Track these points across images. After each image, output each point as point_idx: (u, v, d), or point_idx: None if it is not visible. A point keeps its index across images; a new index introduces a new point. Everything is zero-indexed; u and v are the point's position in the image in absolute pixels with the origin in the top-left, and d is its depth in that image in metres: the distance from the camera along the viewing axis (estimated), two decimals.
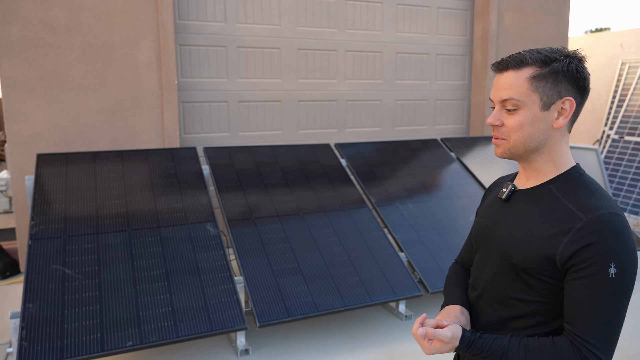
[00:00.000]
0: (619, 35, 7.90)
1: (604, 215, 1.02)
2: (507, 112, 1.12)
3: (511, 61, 1.11)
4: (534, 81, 1.09)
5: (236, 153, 3.85)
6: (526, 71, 1.10)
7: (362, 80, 5.15)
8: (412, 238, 3.52)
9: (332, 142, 5.12)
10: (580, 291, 1.02)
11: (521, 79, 1.10)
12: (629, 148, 6.39)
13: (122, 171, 3.43)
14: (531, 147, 1.13)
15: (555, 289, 1.09)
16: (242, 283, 2.91)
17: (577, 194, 1.09)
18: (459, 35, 5.59)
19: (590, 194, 1.08)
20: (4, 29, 3.75)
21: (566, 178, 1.13)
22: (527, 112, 1.10)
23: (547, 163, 1.15)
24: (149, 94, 4.20)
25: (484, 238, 1.25)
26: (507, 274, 1.15)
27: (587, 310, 1.02)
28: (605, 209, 1.04)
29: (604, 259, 1.00)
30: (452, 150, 4.57)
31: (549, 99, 1.10)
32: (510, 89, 1.10)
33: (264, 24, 4.66)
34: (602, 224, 1.02)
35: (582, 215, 1.04)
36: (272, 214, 3.41)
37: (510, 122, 1.12)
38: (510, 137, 1.13)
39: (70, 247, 2.86)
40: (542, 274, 1.09)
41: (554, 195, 1.12)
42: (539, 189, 1.15)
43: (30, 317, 2.49)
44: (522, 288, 1.13)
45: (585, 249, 1.02)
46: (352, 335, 3.07)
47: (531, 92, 1.09)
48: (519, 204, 1.18)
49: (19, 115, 3.85)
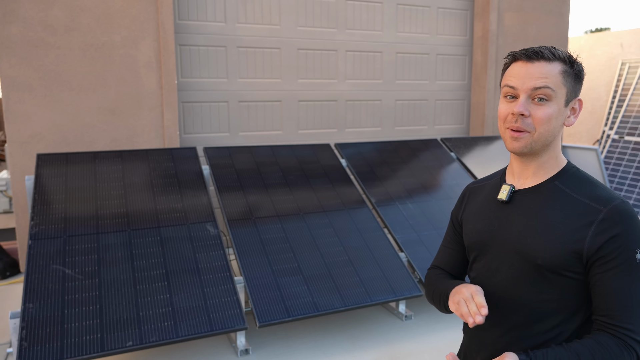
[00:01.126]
0: (619, 35, 7.90)
1: (620, 205, 1.06)
2: (536, 103, 1.10)
3: (545, 52, 1.10)
4: (564, 76, 1.10)
5: (236, 153, 3.85)
6: (557, 65, 1.10)
7: (362, 80, 5.15)
8: (412, 238, 3.52)
9: (332, 142, 5.12)
10: (613, 282, 1.04)
11: (554, 70, 1.09)
12: (629, 148, 6.39)
13: (122, 171, 3.43)
14: (548, 142, 1.13)
15: (577, 284, 1.09)
16: (242, 283, 2.91)
17: (584, 187, 1.12)
18: (459, 35, 5.59)
19: (595, 186, 1.11)
20: (4, 29, 3.75)
21: (567, 173, 1.15)
22: (555, 105, 1.10)
23: (551, 159, 1.15)
24: (149, 94, 4.20)
25: (488, 243, 1.20)
26: (529, 276, 1.12)
27: (622, 300, 1.03)
28: (617, 198, 1.08)
29: (630, 246, 1.04)
30: (452, 150, 4.57)
31: (570, 96, 1.12)
32: (546, 78, 1.09)
33: (264, 24, 4.66)
34: (621, 212, 1.05)
35: (599, 207, 1.07)
36: (272, 214, 3.41)
37: (540, 114, 1.09)
38: (536, 130, 1.10)
39: (70, 247, 2.86)
40: (568, 271, 1.08)
41: (562, 191, 1.13)
42: (544, 186, 1.15)
43: (30, 317, 2.49)
44: (545, 288, 1.11)
45: (612, 240, 1.04)
46: (352, 335, 3.07)
47: (562, 85, 1.10)
48: (524, 203, 1.16)
49: (19, 115, 3.85)
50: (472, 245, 1.25)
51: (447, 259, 1.37)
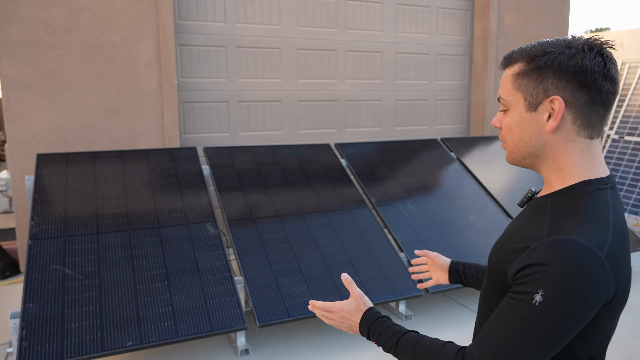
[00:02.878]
0: (619, 35, 7.90)
1: (561, 240, 0.87)
2: (503, 113, 1.05)
3: (505, 58, 1.03)
4: (517, 79, 0.99)
5: (236, 153, 3.85)
6: (513, 68, 1.01)
7: (362, 80, 5.15)
8: (412, 238, 3.52)
9: (332, 142, 5.12)
10: (506, 306, 0.91)
11: (507, 76, 1.01)
12: (629, 148, 6.39)
13: (122, 171, 3.43)
14: (527, 153, 1.01)
15: None
16: (242, 283, 2.91)
17: (564, 213, 0.94)
18: (459, 35, 5.59)
19: (576, 216, 0.92)
20: (4, 29, 3.75)
21: (569, 193, 0.97)
22: (513, 113, 1.01)
23: (554, 173, 1.00)
24: (149, 94, 4.20)
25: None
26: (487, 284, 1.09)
27: (492, 325, 0.91)
28: (570, 234, 0.88)
29: (536, 282, 0.86)
30: (452, 150, 4.57)
31: (533, 99, 0.97)
32: (501, 87, 1.03)
33: (264, 24, 4.66)
34: (555, 248, 0.86)
35: (544, 236, 0.91)
36: (272, 214, 3.41)
37: (504, 124, 1.04)
38: (506, 141, 1.05)
39: (70, 247, 2.86)
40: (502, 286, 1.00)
41: (544, 210, 0.98)
42: (540, 200, 1.03)
43: (30, 317, 2.49)
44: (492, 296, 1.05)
45: (525, 268, 0.89)
46: (352, 335, 3.07)
47: (515, 91, 1.00)
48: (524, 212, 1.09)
49: (19, 115, 3.85)
50: None
51: None
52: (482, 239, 3.67)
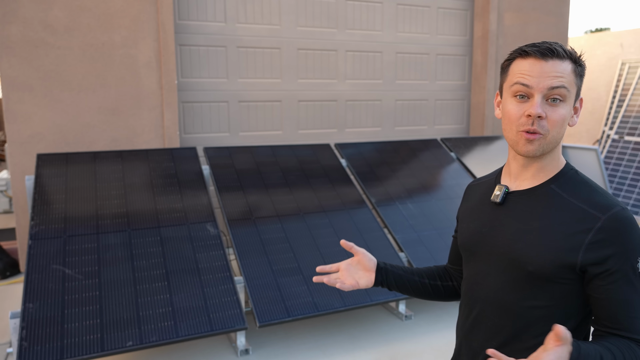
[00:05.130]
0: (619, 35, 7.90)
1: (619, 213, 1.00)
2: (550, 103, 1.04)
3: (558, 49, 1.04)
4: (575, 75, 1.05)
5: (236, 153, 3.85)
6: (569, 63, 1.05)
7: (362, 80, 5.15)
8: (412, 238, 3.52)
9: (332, 142, 5.12)
10: (617, 295, 1.00)
11: (568, 69, 1.04)
12: (629, 148, 6.39)
13: (122, 171, 3.43)
14: (557, 144, 1.08)
15: (569, 291, 1.05)
16: (242, 283, 2.91)
17: (582, 191, 1.06)
18: (459, 35, 5.59)
19: (594, 191, 1.06)
20: (4, 29, 3.75)
21: (565, 176, 1.09)
22: (568, 105, 1.05)
23: (553, 161, 1.10)
24: (149, 94, 4.20)
25: (479, 245, 1.16)
26: (518, 281, 1.08)
27: (628, 312, 1.00)
28: (616, 205, 1.02)
29: (630, 256, 0.99)
30: (452, 150, 4.57)
31: (576, 95, 1.08)
32: (562, 77, 1.03)
33: (264, 24, 4.66)
34: (620, 221, 1.00)
35: (598, 214, 1.01)
36: (272, 214, 3.41)
37: (555, 116, 1.03)
38: (550, 132, 1.04)
39: (70, 247, 2.86)
40: (560, 278, 1.03)
41: (558, 195, 1.07)
42: (540, 189, 1.09)
43: (30, 317, 2.49)
44: (535, 295, 1.06)
45: (612, 251, 0.99)
46: (352, 335, 3.07)
47: (574, 85, 1.05)
48: (518, 206, 1.11)
49: (19, 115, 3.85)
50: (464, 245, 1.21)
51: (452, 256, 1.37)
52: None
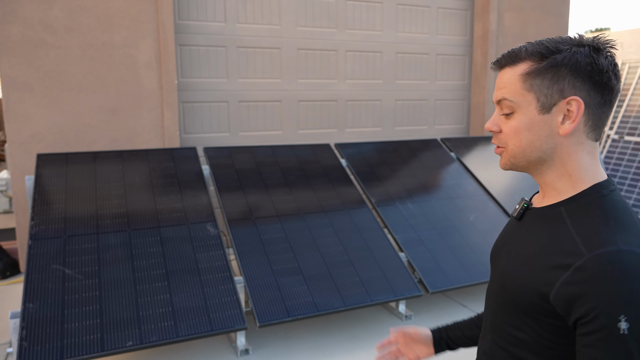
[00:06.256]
0: (619, 35, 7.90)
1: (610, 254, 0.81)
2: (505, 116, 0.96)
3: (506, 57, 0.95)
4: (528, 78, 0.91)
5: (236, 153, 3.85)
6: (521, 67, 0.93)
7: (362, 80, 5.15)
8: (412, 238, 3.52)
9: (332, 142, 5.12)
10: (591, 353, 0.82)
11: (514, 76, 0.93)
12: (629, 148, 6.39)
13: (122, 171, 3.43)
14: (534, 158, 0.94)
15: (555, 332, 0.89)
16: (242, 283, 2.91)
17: (589, 220, 0.87)
18: (459, 35, 5.59)
19: (605, 223, 0.86)
20: (4, 29, 3.75)
21: (583, 199, 0.91)
22: (522, 115, 0.93)
23: (562, 179, 0.94)
24: (149, 94, 4.20)
25: (494, 260, 1.08)
26: (506, 305, 0.97)
27: None
28: (615, 244, 0.82)
29: (611, 310, 0.79)
30: (452, 150, 4.57)
31: (547, 100, 0.91)
32: (504, 88, 0.95)
33: (264, 24, 4.66)
34: (607, 264, 0.80)
35: (584, 250, 0.84)
36: (272, 214, 3.41)
37: (506, 128, 0.95)
38: (507, 146, 0.96)
39: (70, 247, 2.86)
40: (537, 313, 0.90)
41: (562, 221, 0.91)
42: (550, 210, 0.95)
43: (30, 317, 2.49)
44: (520, 326, 0.94)
45: (586, 296, 0.81)
46: (352, 335, 3.07)
47: (525, 92, 0.92)
48: (529, 225, 0.99)
49: (19, 115, 3.85)
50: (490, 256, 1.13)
51: None
52: (482, 239, 3.67)
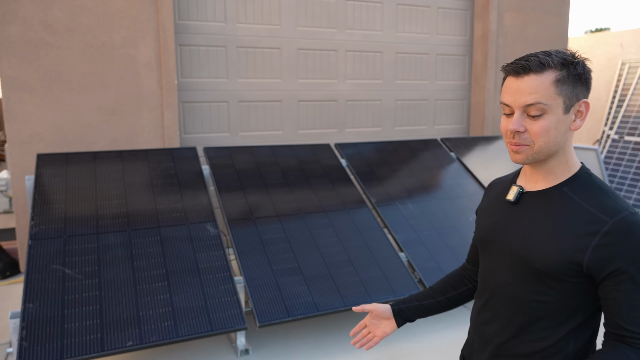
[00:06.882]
0: (619, 35, 7.90)
1: (627, 217, 1.05)
2: (531, 117, 1.10)
3: (533, 64, 1.08)
4: (558, 84, 1.08)
5: (236, 153, 3.85)
6: (549, 74, 1.08)
7: (362, 80, 5.15)
8: (412, 238, 3.52)
9: (332, 142, 5.12)
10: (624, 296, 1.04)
11: (545, 82, 1.08)
12: (629, 148, 6.39)
13: (122, 171, 3.43)
14: (552, 151, 1.12)
15: (576, 289, 1.10)
16: (242, 283, 2.91)
17: (593, 195, 1.11)
18: (459, 35, 5.59)
19: (605, 195, 1.10)
20: (4, 29, 3.75)
21: (578, 179, 1.14)
22: (552, 116, 1.09)
23: (560, 165, 1.15)
24: (149, 94, 4.20)
25: (492, 242, 1.24)
26: (528, 278, 1.15)
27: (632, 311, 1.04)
28: (626, 209, 1.06)
29: (637, 259, 1.03)
30: (452, 150, 4.57)
31: (570, 102, 1.10)
32: (535, 93, 1.08)
33: (264, 24, 4.66)
34: (627, 225, 1.04)
35: (606, 218, 1.06)
36: (272, 214, 3.41)
37: (536, 128, 1.10)
38: (535, 143, 1.11)
39: (70, 247, 2.86)
40: (568, 276, 1.09)
41: (569, 198, 1.12)
42: (553, 191, 1.15)
43: (30, 317, 2.49)
44: (544, 290, 1.13)
45: (617, 254, 1.04)
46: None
47: (556, 96, 1.08)
48: (530, 206, 1.17)
49: (19, 115, 3.85)
50: (479, 240, 1.29)
51: (471, 254, 1.45)
52: None
